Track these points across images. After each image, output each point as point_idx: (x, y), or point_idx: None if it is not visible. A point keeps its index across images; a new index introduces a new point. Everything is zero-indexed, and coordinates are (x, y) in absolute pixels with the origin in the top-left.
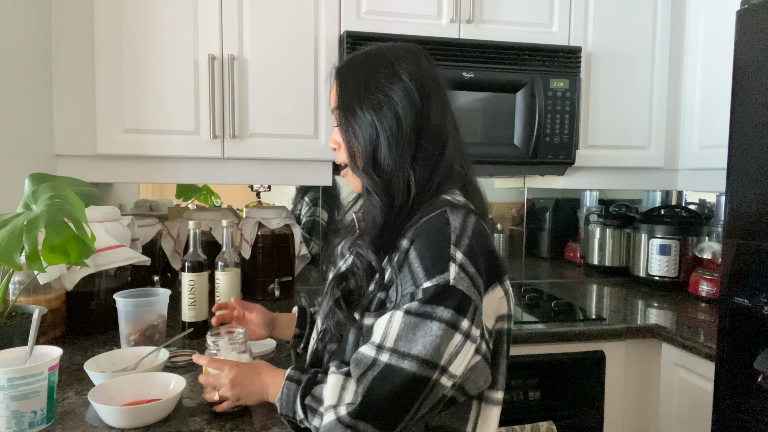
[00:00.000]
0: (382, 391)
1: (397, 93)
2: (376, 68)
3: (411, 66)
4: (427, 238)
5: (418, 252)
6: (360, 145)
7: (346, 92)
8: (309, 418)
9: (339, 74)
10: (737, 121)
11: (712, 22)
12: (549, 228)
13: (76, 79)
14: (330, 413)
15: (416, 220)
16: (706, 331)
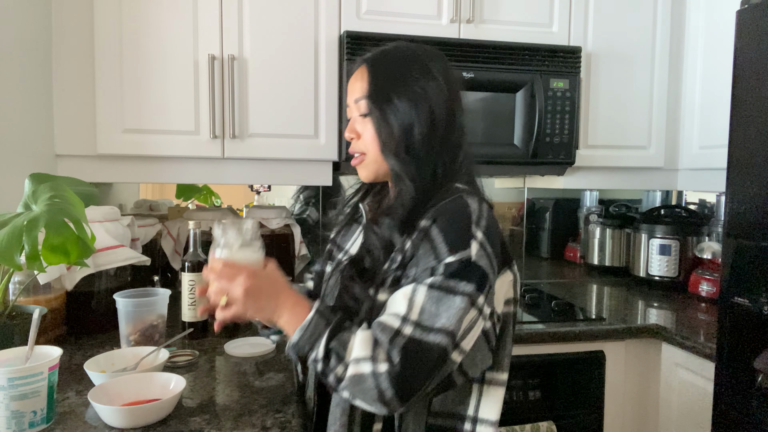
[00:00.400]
0: (409, 360)
1: (431, 88)
2: (410, 63)
3: (442, 66)
4: (449, 217)
5: (440, 229)
6: (394, 133)
7: (380, 81)
8: (330, 362)
9: (371, 64)
10: (737, 121)
11: (712, 22)
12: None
13: (76, 79)
14: (364, 365)
15: (434, 203)
16: (706, 331)
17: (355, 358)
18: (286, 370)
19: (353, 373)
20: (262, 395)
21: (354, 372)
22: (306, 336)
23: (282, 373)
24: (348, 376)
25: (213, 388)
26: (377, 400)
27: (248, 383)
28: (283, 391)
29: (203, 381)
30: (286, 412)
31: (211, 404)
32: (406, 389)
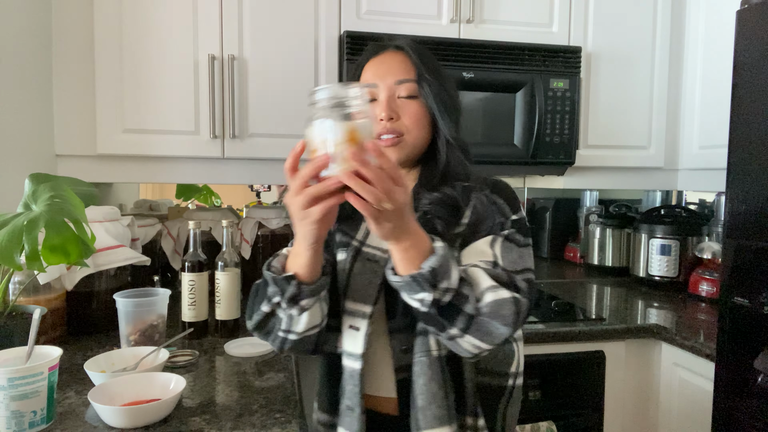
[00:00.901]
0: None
1: (452, 81)
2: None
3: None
4: (502, 188)
5: (500, 195)
6: (447, 108)
7: (428, 66)
8: (464, 289)
9: (413, 49)
10: (737, 121)
11: (712, 22)
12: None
13: (76, 79)
14: (503, 291)
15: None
16: (706, 331)
17: (492, 285)
18: (286, 370)
19: (495, 298)
20: (262, 395)
21: (495, 297)
22: (441, 262)
23: (282, 373)
24: (489, 301)
25: (213, 388)
26: (510, 324)
27: (248, 383)
28: (283, 391)
29: (203, 381)
30: (286, 412)
31: (211, 404)
32: (526, 316)
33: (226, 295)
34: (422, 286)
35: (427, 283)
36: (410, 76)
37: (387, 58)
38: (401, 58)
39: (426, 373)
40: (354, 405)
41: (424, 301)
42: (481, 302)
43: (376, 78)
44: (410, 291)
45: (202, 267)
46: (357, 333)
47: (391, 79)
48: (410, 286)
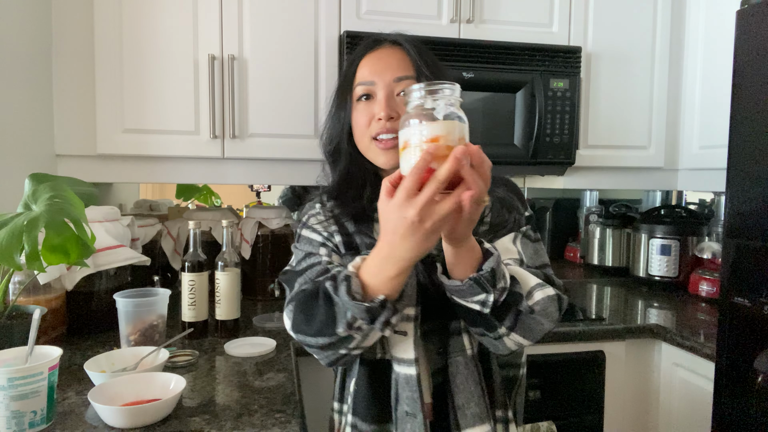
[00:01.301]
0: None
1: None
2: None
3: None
4: (513, 186)
5: (512, 192)
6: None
7: (428, 62)
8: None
9: (411, 44)
10: (737, 121)
11: (712, 22)
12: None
13: (76, 79)
14: (548, 289)
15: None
16: (706, 331)
17: (539, 283)
18: (286, 370)
19: (543, 296)
20: (262, 395)
21: (543, 294)
22: (498, 261)
23: (282, 373)
24: (540, 299)
25: (213, 388)
26: (555, 320)
27: (248, 383)
28: (283, 391)
29: (203, 381)
30: (286, 412)
31: (211, 404)
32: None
33: (226, 295)
34: (484, 288)
35: (489, 284)
36: (409, 73)
37: (384, 54)
38: (399, 54)
39: (462, 373)
40: (416, 411)
41: (486, 303)
42: (531, 300)
43: (373, 75)
44: (470, 294)
45: (202, 267)
46: (406, 338)
47: (390, 76)
48: (472, 289)
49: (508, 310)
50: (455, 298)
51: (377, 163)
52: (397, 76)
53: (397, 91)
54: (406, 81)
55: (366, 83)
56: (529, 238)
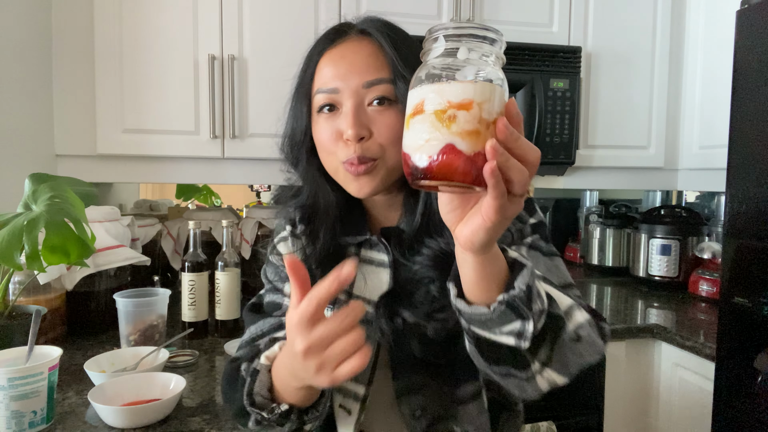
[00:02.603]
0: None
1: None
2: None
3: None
4: None
5: None
6: None
7: (407, 53)
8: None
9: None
10: (737, 121)
11: (712, 22)
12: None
13: (76, 79)
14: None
15: None
16: (706, 331)
17: (574, 303)
18: None
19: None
20: None
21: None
22: (532, 274)
23: None
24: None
25: (213, 388)
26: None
27: None
28: None
29: (203, 381)
30: None
31: (211, 404)
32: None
33: (226, 295)
34: (520, 313)
35: (525, 306)
36: (383, 75)
37: (349, 50)
38: (369, 49)
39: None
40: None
41: (524, 334)
42: (572, 322)
43: (335, 79)
44: (501, 323)
45: (202, 267)
46: (348, 416)
47: (357, 81)
48: (504, 315)
49: (544, 339)
50: (478, 331)
51: (348, 191)
52: (366, 80)
53: (370, 100)
54: (380, 86)
55: (327, 90)
56: (539, 251)
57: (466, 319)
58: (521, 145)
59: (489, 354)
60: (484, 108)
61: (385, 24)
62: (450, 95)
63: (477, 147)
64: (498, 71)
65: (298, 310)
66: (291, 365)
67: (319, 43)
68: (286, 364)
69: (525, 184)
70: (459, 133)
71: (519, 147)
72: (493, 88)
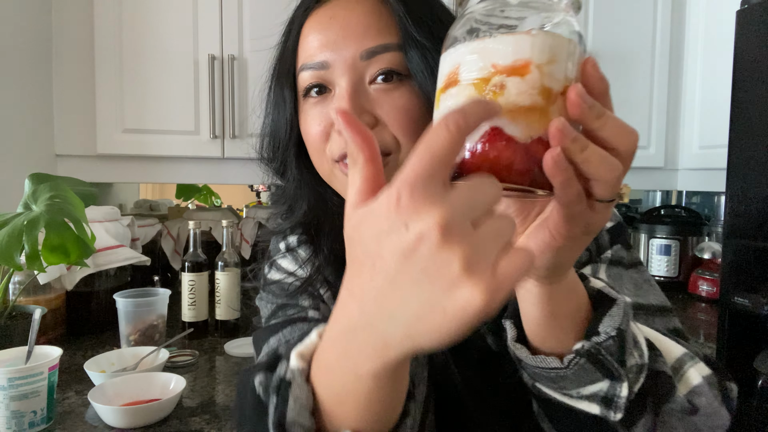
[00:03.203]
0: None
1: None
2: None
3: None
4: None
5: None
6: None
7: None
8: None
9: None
10: (737, 121)
11: (712, 22)
12: None
13: (76, 79)
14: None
15: None
16: (706, 331)
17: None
18: None
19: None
20: None
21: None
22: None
23: None
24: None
25: (213, 388)
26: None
27: None
28: None
29: (203, 381)
30: None
31: (211, 404)
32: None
33: (226, 295)
34: (608, 369)
35: (615, 360)
36: (389, 39)
37: (340, 6)
38: (368, 5)
39: None
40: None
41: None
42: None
43: (324, 49)
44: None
45: (202, 267)
46: None
47: (353, 49)
48: (583, 372)
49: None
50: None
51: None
52: (365, 48)
53: (372, 75)
54: (385, 56)
55: (314, 66)
56: (621, 264)
57: (530, 373)
58: (607, 124)
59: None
60: (546, 72)
61: None
62: (495, 55)
63: (538, 130)
64: (570, 20)
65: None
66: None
67: (303, 1)
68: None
69: (614, 183)
70: (510, 110)
71: (603, 128)
72: (561, 42)
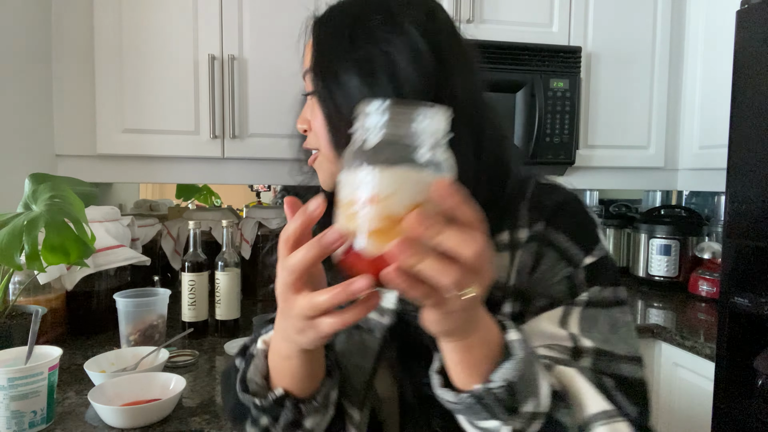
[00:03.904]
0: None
1: (397, 47)
2: (367, 15)
3: (420, 16)
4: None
5: (562, 228)
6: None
7: (324, 48)
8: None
9: (318, 25)
10: (737, 121)
11: (712, 22)
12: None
13: (76, 79)
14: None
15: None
16: (706, 331)
17: (605, 411)
18: None
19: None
20: None
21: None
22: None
23: None
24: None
25: (213, 388)
26: None
27: None
28: None
29: (203, 381)
30: None
31: (211, 404)
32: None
33: (226, 295)
34: (493, 411)
35: (501, 405)
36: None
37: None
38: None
39: None
40: None
41: None
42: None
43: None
44: (473, 416)
45: (202, 267)
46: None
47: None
48: (473, 409)
49: None
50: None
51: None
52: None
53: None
54: (308, 76)
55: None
56: (601, 305)
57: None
58: (447, 239)
59: None
60: (390, 202)
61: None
62: (357, 187)
63: (383, 248)
64: (427, 152)
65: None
66: (279, 320)
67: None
68: (278, 323)
69: (456, 285)
70: (363, 231)
71: (443, 242)
72: (405, 176)
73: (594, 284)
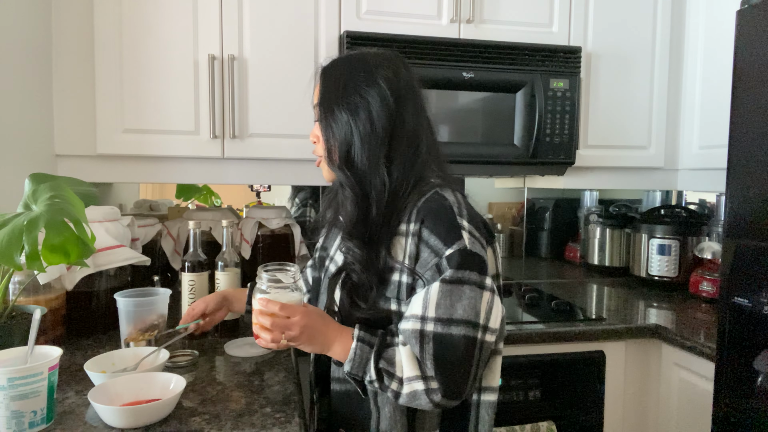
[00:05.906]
0: (446, 366)
1: (372, 96)
2: (356, 71)
3: (388, 72)
4: (434, 215)
5: (430, 229)
6: (336, 142)
7: (326, 91)
8: (384, 380)
9: (323, 73)
10: (737, 121)
11: (712, 22)
12: (549, 228)
13: (76, 79)
14: (417, 384)
15: (411, 206)
16: (706, 331)
17: (408, 377)
18: (286, 370)
19: (409, 391)
20: (262, 395)
21: (409, 390)
22: (356, 365)
23: (282, 373)
24: (405, 394)
25: (213, 388)
26: (434, 408)
27: (248, 383)
28: (283, 391)
29: (203, 381)
30: (286, 412)
31: (211, 404)
32: (456, 390)
33: None
34: (353, 380)
35: (353, 379)
36: (315, 101)
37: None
38: (318, 81)
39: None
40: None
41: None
42: (402, 392)
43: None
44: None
45: (202, 267)
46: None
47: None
48: (351, 376)
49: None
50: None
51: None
52: (313, 104)
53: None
54: (317, 108)
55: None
56: (454, 282)
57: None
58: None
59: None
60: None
61: (332, 61)
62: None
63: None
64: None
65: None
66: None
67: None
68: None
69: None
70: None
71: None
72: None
73: (451, 268)
